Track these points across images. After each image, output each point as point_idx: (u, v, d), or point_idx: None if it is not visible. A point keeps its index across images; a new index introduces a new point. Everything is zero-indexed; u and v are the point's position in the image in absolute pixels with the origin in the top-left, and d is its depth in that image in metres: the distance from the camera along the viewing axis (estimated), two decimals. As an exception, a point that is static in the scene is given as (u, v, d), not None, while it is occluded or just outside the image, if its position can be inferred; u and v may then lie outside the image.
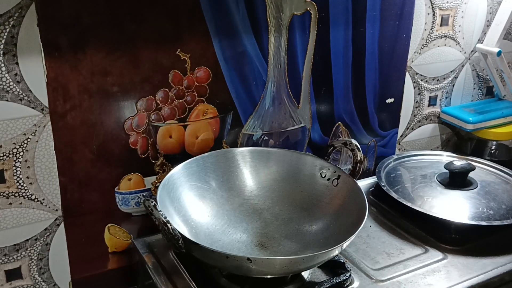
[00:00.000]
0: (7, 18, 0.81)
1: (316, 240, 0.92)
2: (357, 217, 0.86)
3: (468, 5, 1.29)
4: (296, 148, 1.15)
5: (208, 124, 1.04)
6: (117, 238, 1.01)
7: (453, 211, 1.03)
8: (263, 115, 1.09)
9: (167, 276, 0.89)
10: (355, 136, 1.23)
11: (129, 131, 0.96)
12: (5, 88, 0.84)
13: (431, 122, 1.38)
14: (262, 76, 1.06)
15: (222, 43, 0.99)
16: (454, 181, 1.11)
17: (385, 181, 1.13)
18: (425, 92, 1.33)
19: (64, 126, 0.90)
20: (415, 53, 1.26)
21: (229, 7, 0.98)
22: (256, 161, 1.02)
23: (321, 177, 0.99)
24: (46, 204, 0.94)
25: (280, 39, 1.05)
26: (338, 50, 1.13)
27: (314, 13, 1.07)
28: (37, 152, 0.90)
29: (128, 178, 0.99)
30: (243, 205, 0.99)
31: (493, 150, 1.36)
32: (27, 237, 0.94)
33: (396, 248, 0.99)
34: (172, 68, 0.97)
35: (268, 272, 0.79)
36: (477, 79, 1.41)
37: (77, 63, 0.88)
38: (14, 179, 0.90)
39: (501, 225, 0.99)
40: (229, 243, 0.92)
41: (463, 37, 1.32)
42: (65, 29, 0.85)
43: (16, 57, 0.84)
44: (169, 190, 0.89)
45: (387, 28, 1.17)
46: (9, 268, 0.94)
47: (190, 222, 0.91)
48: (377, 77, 1.21)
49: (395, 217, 1.08)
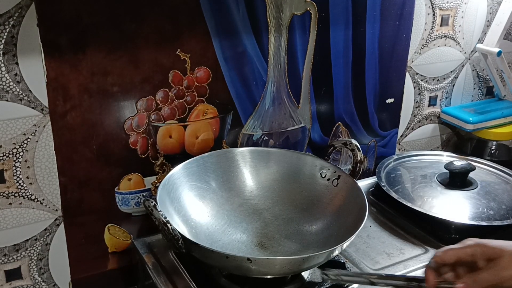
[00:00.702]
0: (7, 18, 0.81)
1: (316, 240, 0.92)
2: (357, 217, 0.86)
3: (468, 5, 1.29)
4: (296, 148, 1.15)
5: (208, 124, 1.04)
6: (117, 238, 1.01)
7: (453, 211, 1.03)
8: (263, 115, 1.09)
9: (167, 276, 0.89)
10: (355, 136, 1.23)
11: (129, 131, 0.96)
12: (5, 88, 0.84)
13: (431, 122, 1.38)
14: (262, 76, 1.06)
15: (222, 43, 0.99)
16: (454, 181, 1.11)
17: (385, 181, 1.12)
18: (425, 92, 1.33)
19: (64, 126, 0.90)
20: (415, 53, 1.26)
21: (229, 7, 0.98)
22: (256, 161, 1.01)
23: (321, 177, 0.99)
24: (46, 204, 0.94)
25: (280, 39, 1.05)
26: (338, 50, 1.13)
27: (314, 13, 1.07)
28: (37, 152, 0.90)
29: (128, 178, 0.99)
30: (243, 205, 0.99)
31: (493, 150, 1.36)
32: (27, 237, 0.94)
33: (396, 248, 0.99)
34: (172, 68, 0.96)
35: (268, 272, 0.79)
36: (477, 79, 1.41)
37: (77, 63, 0.88)
38: (14, 179, 0.90)
39: (501, 225, 0.99)
40: (229, 243, 0.92)
41: (463, 37, 1.32)
42: (65, 29, 0.85)
43: (16, 57, 0.84)
44: (169, 190, 0.89)
45: (387, 28, 1.17)
46: (9, 268, 0.94)
47: (190, 222, 0.91)
48: (377, 77, 1.21)
49: (395, 217, 1.08)
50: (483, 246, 0.69)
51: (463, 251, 0.70)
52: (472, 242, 0.71)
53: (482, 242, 0.70)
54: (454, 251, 0.70)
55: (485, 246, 0.69)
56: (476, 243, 0.70)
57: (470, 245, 0.70)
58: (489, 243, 0.70)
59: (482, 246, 0.69)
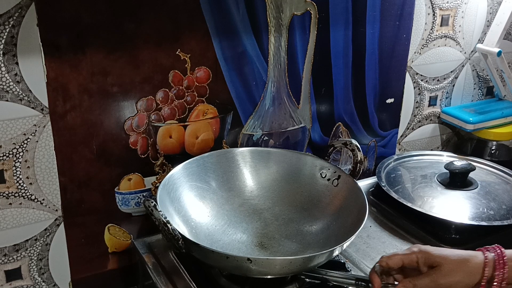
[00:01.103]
0: (7, 18, 0.81)
1: (316, 240, 0.92)
2: (357, 217, 0.86)
3: (468, 5, 1.29)
4: (296, 148, 1.15)
5: (208, 124, 1.04)
6: (117, 238, 1.01)
7: (453, 211, 1.03)
8: (263, 115, 1.09)
9: (167, 276, 0.89)
10: (355, 136, 1.23)
11: (129, 131, 0.96)
12: (5, 88, 0.84)
13: (431, 122, 1.38)
14: (262, 76, 1.06)
15: (222, 43, 0.99)
16: (454, 181, 1.11)
17: (385, 181, 1.12)
18: (425, 92, 1.33)
19: (64, 126, 0.90)
20: (415, 53, 1.26)
21: (229, 7, 0.98)
22: (256, 161, 1.01)
23: (321, 177, 0.99)
24: (46, 204, 0.93)
25: (280, 39, 1.05)
26: (338, 50, 1.13)
27: (314, 13, 1.07)
28: (37, 152, 0.90)
29: (128, 178, 0.99)
30: (243, 205, 0.99)
31: (493, 150, 1.36)
32: (27, 237, 0.94)
33: (396, 248, 0.99)
34: (172, 68, 0.96)
35: (268, 272, 0.79)
36: (477, 79, 1.41)
37: (77, 63, 0.88)
38: (14, 179, 0.90)
39: (501, 225, 0.99)
40: (229, 243, 0.92)
41: (463, 37, 1.32)
42: (65, 29, 0.85)
43: (16, 57, 0.84)
44: (169, 190, 0.89)
45: (387, 28, 1.17)
46: (9, 268, 0.94)
47: (190, 222, 0.91)
48: (377, 77, 1.21)
49: (395, 217, 1.08)
50: (426, 253, 0.73)
51: (407, 258, 0.74)
52: (417, 249, 0.75)
53: (426, 250, 0.74)
54: (399, 257, 0.75)
55: (428, 254, 0.73)
56: (420, 250, 0.74)
57: (414, 252, 0.74)
58: (432, 251, 0.74)
59: (425, 254, 0.73)
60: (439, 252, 0.73)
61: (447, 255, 0.73)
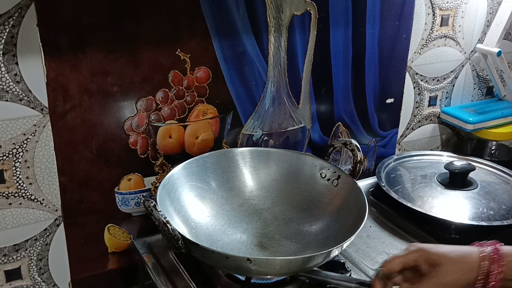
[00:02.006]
0: (7, 18, 0.81)
1: (316, 240, 0.92)
2: (357, 217, 0.86)
3: (468, 5, 1.29)
4: (296, 148, 1.15)
5: (208, 124, 1.04)
6: (117, 238, 1.01)
7: (453, 211, 1.03)
8: (263, 115, 1.09)
9: (167, 276, 0.89)
10: (355, 136, 1.23)
11: (129, 131, 0.96)
12: (5, 88, 0.84)
13: (431, 122, 1.38)
14: (262, 76, 1.06)
15: (222, 43, 0.99)
16: (454, 181, 1.11)
17: (385, 181, 1.12)
18: (425, 92, 1.33)
19: (64, 126, 0.90)
20: (415, 53, 1.26)
21: (229, 7, 0.98)
22: (256, 161, 1.01)
23: (321, 177, 0.99)
24: (45, 205, 0.93)
25: (280, 39, 1.05)
26: (338, 50, 1.13)
27: (314, 13, 1.07)
28: (36, 152, 0.90)
29: (128, 178, 0.99)
30: (243, 205, 0.99)
31: (493, 150, 1.36)
32: (26, 237, 0.94)
33: (396, 248, 0.99)
34: (172, 68, 0.96)
35: (268, 272, 0.79)
36: (477, 79, 1.41)
37: (77, 63, 0.88)
38: (13, 179, 0.90)
39: (501, 225, 0.99)
40: (229, 243, 0.92)
41: (463, 37, 1.32)
42: (65, 29, 0.85)
43: (16, 57, 0.84)
44: (169, 190, 0.89)
45: (387, 28, 1.17)
46: (9, 268, 0.94)
47: (190, 222, 0.91)
48: (377, 77, 1.21)
49: (395, 217, 1.08)
50: (425, 252, 0.73)
51: (407, 258, 0.74)
52: (415, 248, 0.75)
53: (425, 248, 0.74)
54: (399, 259, 0.74)
55: (427, 252, 0.73)
56: (418, 249, 0.74)
57: (413, 251, 0.74)
58: (431, 249, 0.73)
59: (424, 252, 0.73)
60: (437, 250, 0.73)
61: (446, 253, 0.72)
